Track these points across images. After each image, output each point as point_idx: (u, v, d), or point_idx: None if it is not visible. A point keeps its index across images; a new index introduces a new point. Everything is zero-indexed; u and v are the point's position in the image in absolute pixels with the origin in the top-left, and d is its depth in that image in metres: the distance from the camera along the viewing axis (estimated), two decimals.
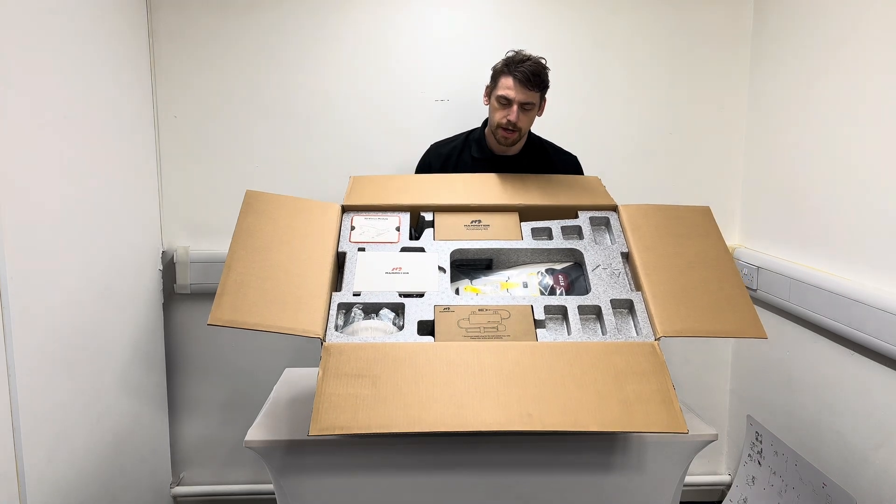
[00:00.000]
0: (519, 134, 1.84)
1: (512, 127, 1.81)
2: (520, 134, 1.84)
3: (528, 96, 1.78)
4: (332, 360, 1.23)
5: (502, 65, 1.80)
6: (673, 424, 1.17)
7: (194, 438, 2.45)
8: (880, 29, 1.75)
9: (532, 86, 1.77)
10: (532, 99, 1.79)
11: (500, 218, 1.64)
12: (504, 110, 1.80)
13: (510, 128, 1.81)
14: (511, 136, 1.84)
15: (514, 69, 1.76)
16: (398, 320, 1.38)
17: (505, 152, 1.93)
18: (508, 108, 1.79)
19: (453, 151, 1.98)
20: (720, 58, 2.38)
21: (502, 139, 1.85)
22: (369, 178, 1.78)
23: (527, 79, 1.75)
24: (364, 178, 1.78)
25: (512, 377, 1.22)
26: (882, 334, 1.67)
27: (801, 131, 2.07)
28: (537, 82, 1.78)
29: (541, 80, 1.78)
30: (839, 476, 1.86)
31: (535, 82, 1.77)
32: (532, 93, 1.78)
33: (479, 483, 1.39)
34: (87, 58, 1.86)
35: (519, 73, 1.75)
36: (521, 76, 1.75)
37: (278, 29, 2.28)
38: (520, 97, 1.77)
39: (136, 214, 2.16)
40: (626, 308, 1.44)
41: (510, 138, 1.84)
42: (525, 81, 1.76)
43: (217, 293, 1.29)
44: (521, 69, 1.75)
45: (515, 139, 1.85)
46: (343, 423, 1.13)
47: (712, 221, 1.62)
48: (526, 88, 1.77)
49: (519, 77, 1.75)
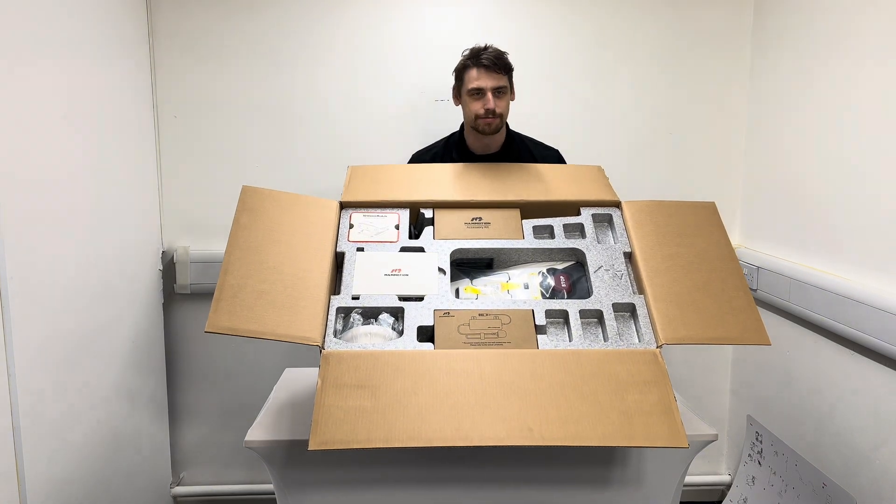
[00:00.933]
0: (500, 119, 1.86)
1: (492, 113, 1.83)
2: (501, 119, 1.86)
3: (497, 80, 1.81)
4: (332, 370, 1.21)
5: (464, 60, 1.85)
6: (674, 439, 1.16)
7: (194, 438, 2.45)
8: (880, 29, 1.75)
9: (499, 69, 1.80)
10: (502, 82, 1.82)
11: (500, 215, 1.61)
12: (479, 101, 1.83)
13: (490, 115, 1.83)
14: (493, 122, 1.85)
15: (478, 60, 1.81)
16: (398, 325, 1.36)
17: (487, 150, 1.93)
18: (483, 97, 1.82)
19: (435, 158, 1.99)
20: (720, 57, 2.37)
21: (485, 127, 1.86)
22: (368, 169, 1.74)
23: (492, 63, 1.79)
24: (362, 169, 1.74)
25: (513, 388, 1.20)
26: (882, 334, 1.67)
27: (801, 131, 2.07)
28: (502, 65, 1.81)
29: (505, 63, 1.82)
30: (839, 476, 1.85)
31: (500, 65, 1.81)
32: (500, 76, 1.82)
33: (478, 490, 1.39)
34: (87, 58, 1.86)
35: (484, 60, 1.79)
36: (486, 62, 1.79)
37: (278, 29, 2.28)
38: (490, 83, 1.81)
39: (136, 214, 2.16)
40: (628, 312, 1.42)
41: (493, 123, 1.85)
42: (491, 66, 1.79)
43: (214, 298, 1.27)
44: (483, 57, 1.80)
45: (498, 125, 1.87)
46: (342, 437, 1.12)
47: (717, 218, 1.58)
48: (494, 73, 1.80)
49: (485, 64, 1.79)
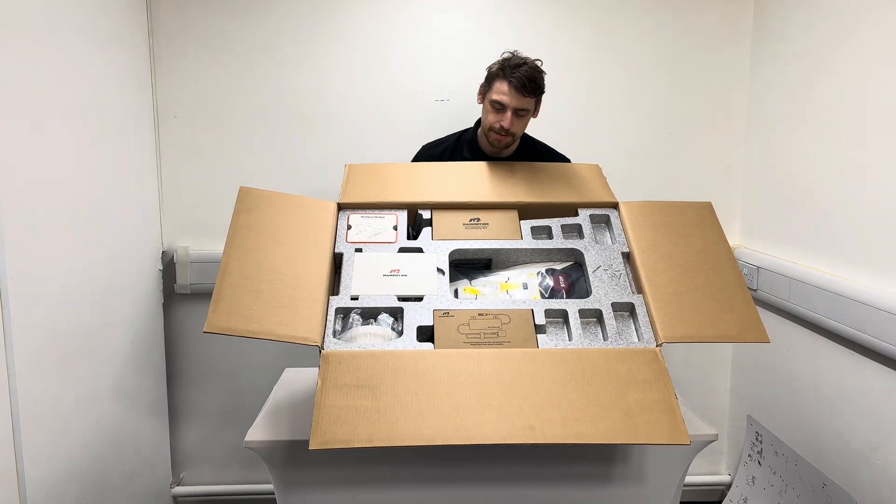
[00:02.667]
0: (512, 139, 1.81)
1: (505, 132, 1.78)
2: (513, 139, 1.82)
3: (522, 102, 1.74)
4: (331, 370, 1.21)
5: (498, 67, 1.75)
6: (675, 436, 1.16)
7: (194, 438, 2.45)
8: (880, 28, 1.75)
9: (527, 92, 1.72)
10: (527, 105, 1.75)
11: (499, 216, 1.61)
12: (498, 115, 1.76)
13: (503, 133, 1.78)
14: (504, 140, 1.81)
15: (510, 74, 1.71)
16: (397, 325, 1.36)
17: (498, 154, 1.90)
18: (502, 113, 1.75)
19: (445, 153, 1.95)
20: (720, 57, 2.37)
21: (495, 142, 1.82)
22: (365, 168, 1.74)
23: (522, 85, 1.70)
24: (360, 168, 1.73)
25: (514, 387, 1.21)
26: (882, 334, 1.67)
27: (802, 131, 2.07)
28: (533, 88, 1.72)
29: (536, 86, 1.73)
30: (839, 476, 1.85)
31: (530, 88, 1.72)
32: (527, 99, 1.74)
33: (478, 489, 1.40)
34: (87, 58, 1.86)
35: (515, 80, 1.70)
36: (516, 82, 1.70)
37: (278, 29, 2.28)
38: (514, 103, 1.73)
39: (136, 214, 2.16)
40: (627, 311, 1.43)
41: (503, 141, 1.81)
42: (521, 87, 1.70)
43: (213, 298, 1.26)
44: (516, 74, 1.70)
45: (508, 143, 1.82)
46: (343, 437, 1.12)
47: (714, 218, 1.59)
48: (521, 94, 1.72)
49: (514, 83, 1.70)
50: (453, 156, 1.94)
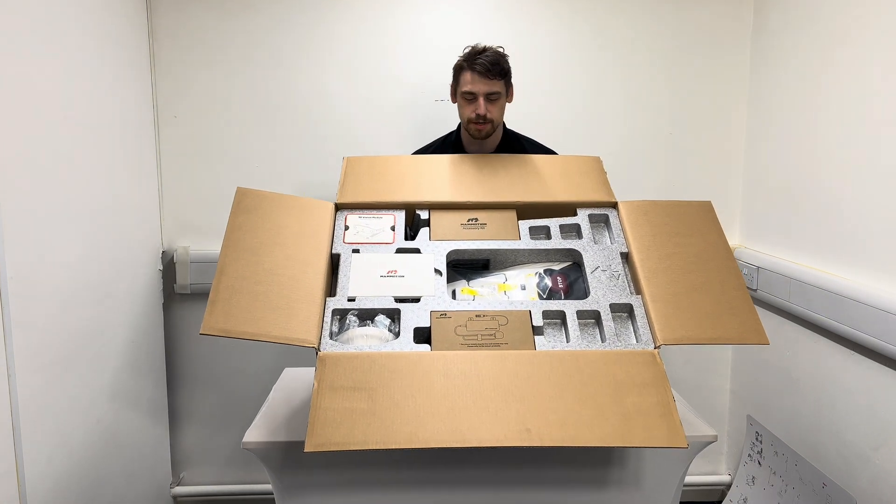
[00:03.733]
0: (491, 125, 1.84)
1: (482, 119, 1.82)
2: (492, 125, 1.85)
3: (491, 86, 1.79)
4: (328, 372, 1.21)
5: (461, 61, 1.82)
6: (673, 439, 1.15)
7: (194, 438, 2.45)
8: (880, 28, 1.74)
9: (493, 75, 1.77)
10: (496, 88, 1.80)
11: (497, 216, 1.60)
12: (471, 105, 1.82)
13: (481, 120, 1.82)
14: (484, 128, 1.84)
15: (473, 62, 1.77)
16: (394, 327, 1.36)
17: (481, 149, 1.92)
18: (475, 101, 1.80)
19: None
20: (720, 57, 2.37)
21: (476, 132, 1.85)
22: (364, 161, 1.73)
23: (486, 69, 1.76)
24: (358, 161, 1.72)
25: (511, 389, 1.20)
26: (882, 334, 1.67)
27: (802, 131, 2.07)
28: (497, 71, 1.78)
29: (501, 69, 1.79)
30: (839, 476, 1.85)
31: (495, 71, 1.77)
32: (495, 82, 1.79)
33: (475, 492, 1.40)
34: (87, 58, 1.86)
35: (478, 66, 1.76)
36: (480, 68, 1.76)
37: (278, 29, 2.28)
38: (483, 88, 1.79)
39: (136, 214, 2.16)
40: (625, 312, 1.42)
41: (483, 129, 1.85)
42: (485, 72, 1.76)
43: (209, 300, 1.26)
44: (479, 61, 1.76)
45: (489, 130, 1.86)
46: (339, 439, 1.12)
47: (714, 217, 1.58)
48: (487, 79, 1.77)
49: (479, 69, 1.76)
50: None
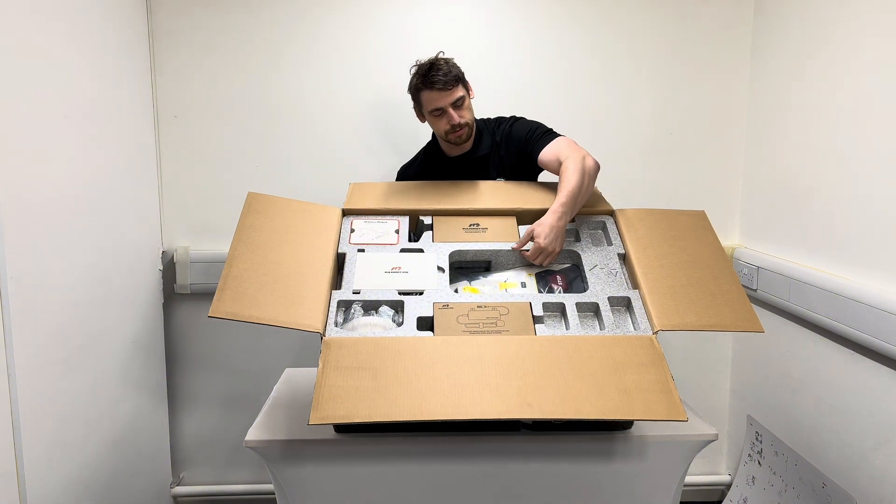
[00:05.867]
0: (468, 127, 1.87)
1: (458, 126, 1.84)
2: (469, 127, 1.88)
3: (452, 94, 1.80)
4: (332, 354, 1.24)
5: (416, 82, 1.83)
6: (673, 413, 1.17)
7: (194, 438, 2.45)
8: (881, 27, 1.75)
9: (451, 85, 1.80)
10: (458, 94, 1.82)
11: (497, 221, 1.66)
12: (442, 119, 1.84)
13: (457, 128, 1.85)
14: (462, 133, 1.87)
15: (429, 81, 1.79)
16: (398, 317, 1.39)
17: (462, 150, 1.95)
18: (444, 115, 1.83)
19: (419, 170, 2.01)
20: (720, 57, 2.38)
21: (456, 140, 1.88)
22: (368, 185, 1.80)
23: (444, 83, 1.78)
24: (363, 185, 1.80)
25: (511, 368, 1.23)
26: (882, 334, 1.67)
27: (802, 131, 2.07)
28: (453, 79, 1.80)
29: (455, 76, 1.81)
30: (839, 476, 1.85)
31: (450, 80, 1.79)
32: (455, 89, 1.81)
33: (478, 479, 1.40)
34: (87, 58, 1.86)
35: (436, 83, 1.78)
36: (439, 84, 1.78)
37: (279, 29, 2.28)
38: (448, 100, 1.80)
39: (136, 214, 2.16)
40: (623, 305, 1.45)
41: (462, 134, 1.87)
42: (444, 85, 1.78)
43: (218, 287, 1.30)
44: (433, 78, 1.78)
45: (467, 132, 1.88)
46: (343, 413, 1.14)
47: (707, 224, 1.64)
48: (447, 90, 1.79)
49: (438, 86, 1.78)
50: (426, 170, 1.99)
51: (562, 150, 1.71)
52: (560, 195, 1.58)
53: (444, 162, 1.97)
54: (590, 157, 1.67)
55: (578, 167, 1.62)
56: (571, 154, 1.66)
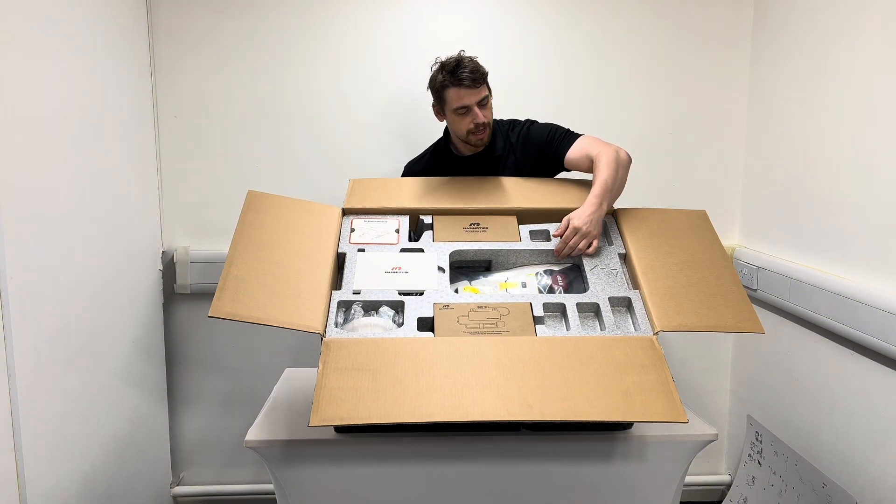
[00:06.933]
0: (490, 128, 1.86)
1: (482, 127, 1.82)
2: (490, 128, 1.86)
3: (479, 93, 1.78)
4: (332, 355, 1.24)
5: (442, 79, 1.78)
6: (673, 414, 1.17)
7: (194, 438, 2.45)
8: (881, 26, 1.75)
9: (478, 83, 1.77)
10: (484, 93, 1.81)
11: (498, 220, 1.65)
12: (467, 118, 1.80)
13: (481, 129, 1.82)
14: (485, 135, 1.85)
15: (456, 78, 1.76)
16: (398, 318, 1.39)
17: (475, 150, 1.92)
18: (470, 113, 1.79)
19: (426, 167, 2.00)
20: (720, 56, 2.37)
21: (478, 142, 1.86)
22: (368, 182, 1.79)
23: (472, 80, 1.75)
24: (363, 182, 1.79)
25: (512, 369, 1.23)
26: (882, 334, 1.67)
27: (802, 131, 2.07)
28: (480, 77, 1.78)
29: (481, 73, 1.79)
30: (839, 476, 1.85)
31: (478, 78, 1.77)
32: (481, 87, 1.79)
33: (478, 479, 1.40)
34: (87, 57, 1.86)
35: (464, 80, 1.75)
36: (467, 81, 1.75)
37: (279, 29, 2.28)
38: (474, 98, 1.78)
39: (136, 214, 2.16)
40: (624, 306, 1.44)
41: (485, 136, 1.85)
42: (472, 83, 1.76)
43: (218, 286, 1.30)
44: (461, 75, 1.75)
45: (490, 134, 1.87)
46: (344, 414, 1.14)
47: (708, 224, 1.64)
48: (475, 88, 1.77)
49: (466, 83, 1.75)
50: (434, 168, 1.96)
51: (591, 147, 1.74)
52: (594, 187, 1.61)
53: (455, 161, 1.95)
54: (622, 150, 1.71)
55: (612, 159, 1.66)
56: (603, 148, 1.70)
